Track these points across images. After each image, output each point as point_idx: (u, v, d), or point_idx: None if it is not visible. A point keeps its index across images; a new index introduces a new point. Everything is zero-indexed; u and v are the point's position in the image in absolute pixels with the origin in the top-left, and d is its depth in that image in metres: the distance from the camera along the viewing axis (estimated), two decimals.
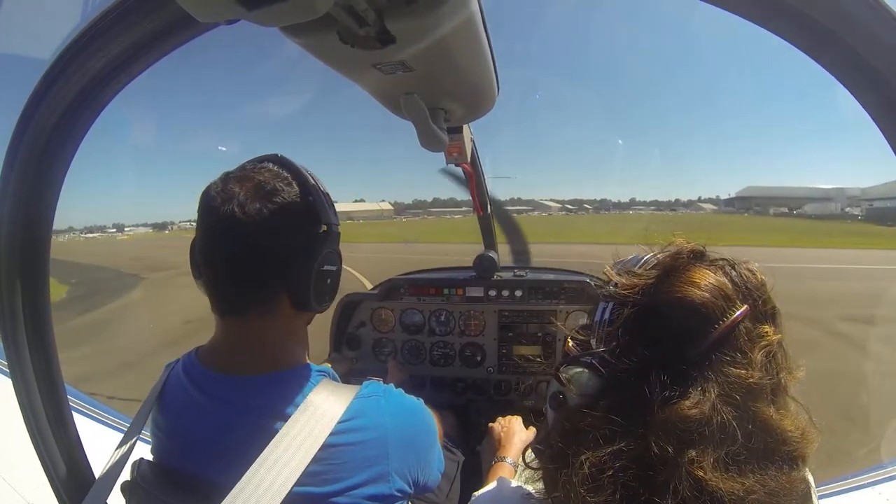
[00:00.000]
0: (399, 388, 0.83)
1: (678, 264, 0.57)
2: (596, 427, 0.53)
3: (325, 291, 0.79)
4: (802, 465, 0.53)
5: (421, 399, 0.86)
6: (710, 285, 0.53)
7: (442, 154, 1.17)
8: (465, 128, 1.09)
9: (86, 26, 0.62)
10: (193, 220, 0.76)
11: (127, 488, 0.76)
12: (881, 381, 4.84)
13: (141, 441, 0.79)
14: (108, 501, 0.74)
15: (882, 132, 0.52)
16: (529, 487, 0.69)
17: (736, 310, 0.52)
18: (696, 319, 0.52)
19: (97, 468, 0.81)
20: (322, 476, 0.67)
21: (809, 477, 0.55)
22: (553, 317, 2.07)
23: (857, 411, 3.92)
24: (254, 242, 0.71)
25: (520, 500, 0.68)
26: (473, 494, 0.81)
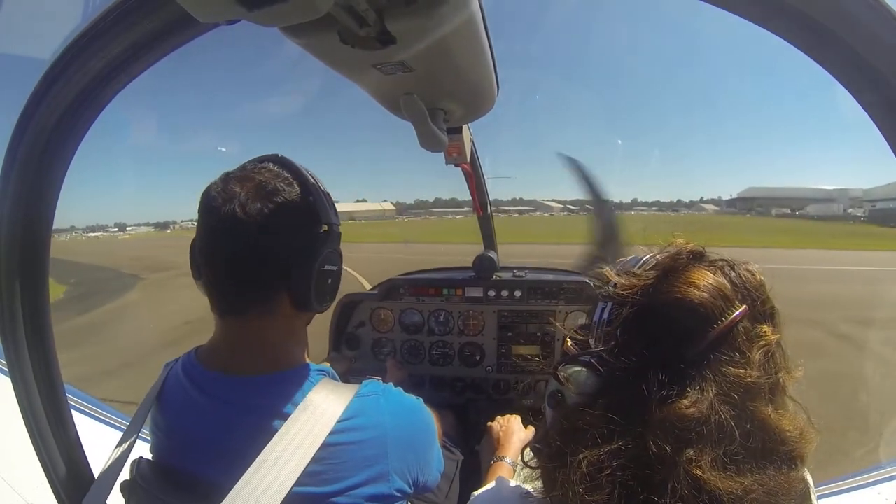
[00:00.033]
0: (398, 388, 0.83)
1: (677, 265, 0.57)
2: (594, 426, 0.53)
3: (325, 291, 0.79)
4: (801, 465, 0.53)
5: (420, 398, 0.86)
6: (709, 286, 0.53)
7: (445, 154, 1.17)
8: (464, 128, 1.09)
9: (86, 26, 0.62)
10: (195, 220, 0.76)
11: (126, 487, 0.76)
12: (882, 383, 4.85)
13: (140, 440, 0.79)
14: (108, 501, 0.74)
15: (882, 133, 0.52)
16: (528, 486, 0.69)
17: (735, 310, 0.52)
18: (695, 319, 0.52)
19: (97, 467, 0.81)
20: (322, 476, 0.67)
21: (808, 477, 0.55)
22: (552, 317, 2.07)
23: (861, 413, 3.93)
24: (255, 242, 0.71)
25: (518, 499, 0.68)
26: (472, 494, 0.81)
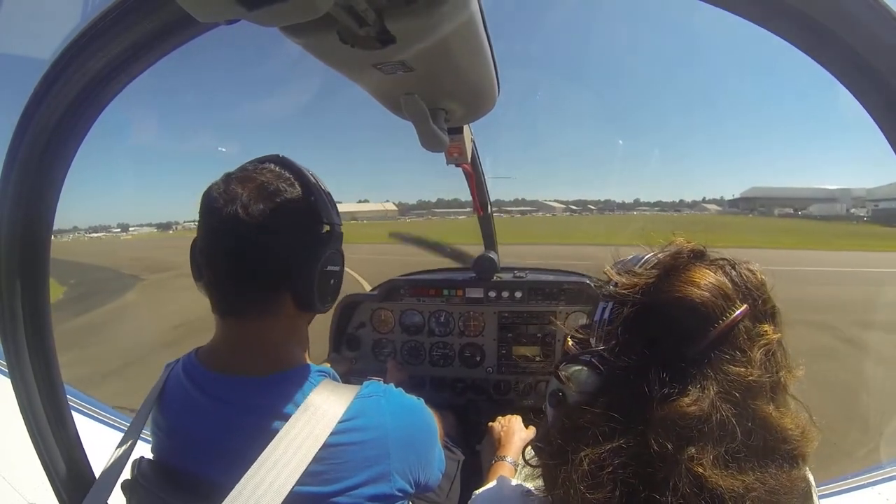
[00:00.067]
0: (399, 388, 0.83)
1: (678, 264, 0.57)
2: (595, 424, 0.53)
3: (328, 292, 0.79)
4: (803, 464, 0.53)
5: (421, 399, 0.86)
6: (710, 285, 0.53)
7: (446, 155, 1.16)
8: (465, 128, 1.09)
9: (86, 26, 0.62)
10: (197, 221, 0.76)
11: (127, 487, 0.76)
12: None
13: (141, 441, 0.79)
14: (109, 500, 0.74)
15: (883, 132, 0.52)
16: (529, 485, 0.69)
17: (736, 309, 0.52)
18: (696, 318, 0.52)
19: (97, 468, 0.81)
20: (323, 476, 0.67)
21: (810, 476, 0.56)
22: (552, 317, 2.07)
23: (871, 413, 3.94)
24: (256, 243, 0.71)
25: (520, 497, 0.68)
26: (474, 493, 0.81)
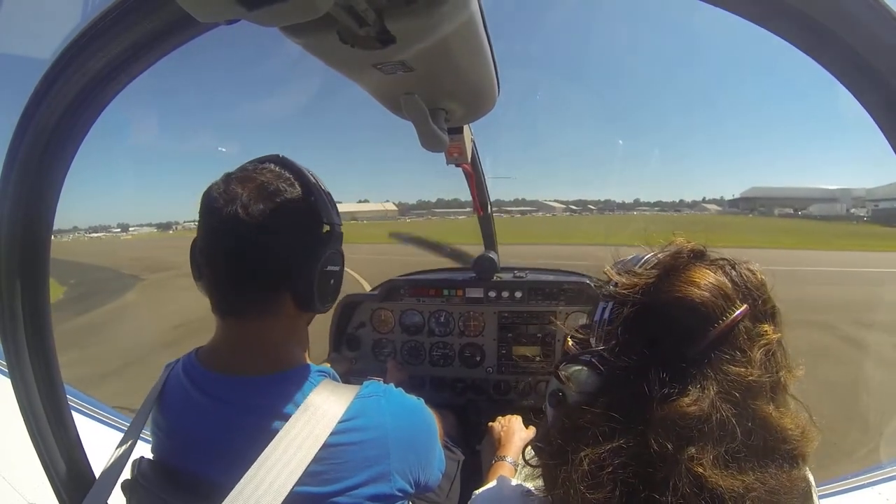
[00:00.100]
0: (399, 388, 0.83)
1: (678, 264, 0.57)
2: (595, 424, 0.53)
3: (328, 292, 0.79)
4: (802, 464, 0.53)
5: (421, 399, 0.86)
6: (710, 285, 0.53)
7: (446, 154, 1.16)
8: (465, 128, 1.09)
9: (86, 26, 0.62)
10: (197, 220, 0.76)
11: (127, 487, 0.76)
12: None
13: (141, 441, 0.79)
14: (109, 500, 0.74)
15: (883, 132, 0.52)
16: (529, 485, 0.69)
17: (736, 309, 0.52)
18: (696, 318, 0.52)
19: (97, 468, 0.81)
20: (323, 476, 0.67)
21: (810, 476, 0.56)
22: (553, 317, 2.07)
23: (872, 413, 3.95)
24: (257, 243, 0.71)
25: (520, 497, 0.68)
26: (474, 492, 0.81)
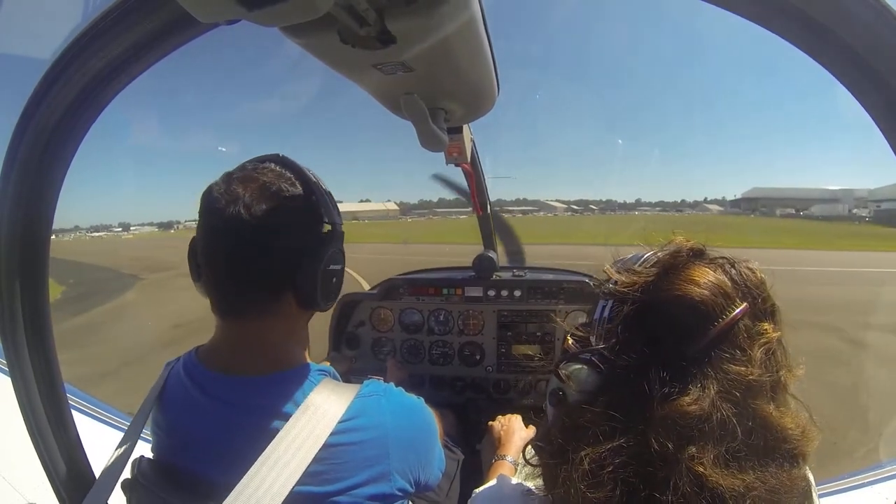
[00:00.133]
0: (399, 387, 0.83)
1: (678, 262, 0.57)
2: (595, 423, 0.53)
3: (331, 290, 0.80)
4: (803, 463, 0.53)
5: (421, 398, 0.86)
6: (710, 283, 0.53)
7: (445, 154, 1.16)
8: (465, 128, 1.09)
9: (86, 26, 0.62)
10: (197, 220, 0.76)
11: (127, 486, 0.76)
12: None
13: (141, 440, 0.79)
14: (109, 499, 0.74)
15: (882, 133, 0.52)
16: (530, 484, 0.69)
17: (735, 307, 0.52)
18: (696, 317, 0.52)
19: (97, 467, 0.81)
20: (323, 476, 0.67)
21: (810, 475, 0.56)
22: (553, 315, 2.07)
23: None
24: (260, 243, 0.71)
25: (520, 496, 0.68)
26: (474, 491, 0.81)
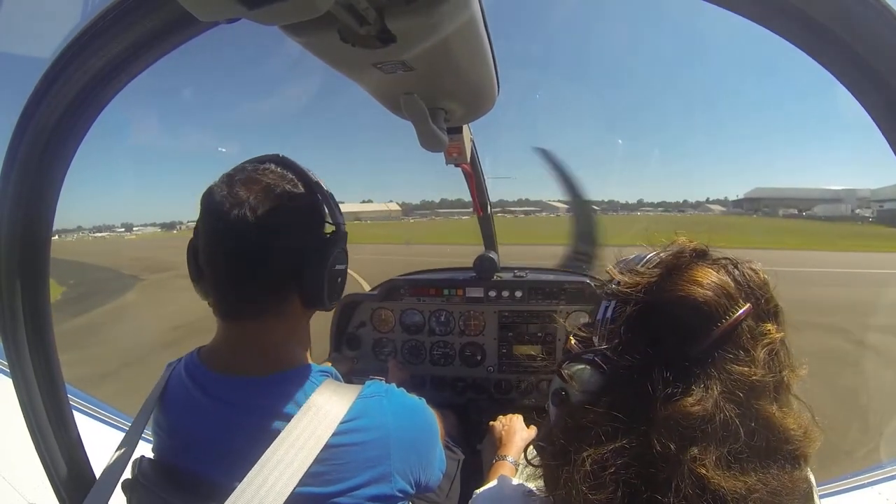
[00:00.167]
0: (401, 388, 0.83)
1: (681, 263, 0.57)
2: (598, 424, 0.53)
3: (335, 290, 0.80)
4: (804, 465, 0.53)
5: (423, 399, 0.86)
6: (713, 284, 0.53)
7: (445, 154, 1.16)
8: (464, 128, 1.09)
9: (86, 25, 0.62)
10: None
11: (128, 486, 0.75)
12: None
13: (142, 441, 0.79)
14: (110, 499, 0.74)
15: (882, 133, 0.52)
16: (531, 485, 0.69)
17: (738, 308, 0.52)
18: (699, 317, 0.52)
19: (98, 467, 0.81)
20: (324, 476, 0.67)
21: (811, 476, 0.55)
22: (555, 315, 2.07)
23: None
24: (266, 245, 0.71)
25: (521, 497, 0.68)
26: (475, 492, 0.81)
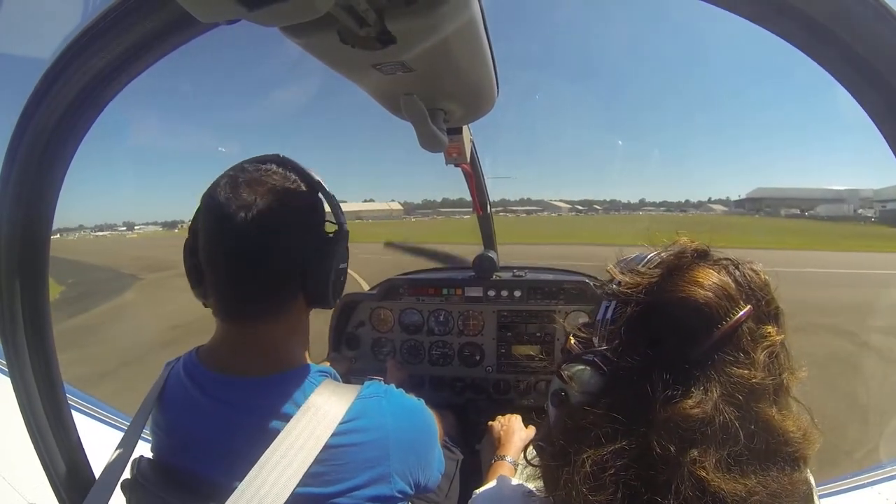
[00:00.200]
0: (400, 389, 0.83)
1: (682, 263, 0.57)
2: (598, 425, 0.53)
3: (339, 288, 0.81)
4: (804, 467, 0.53)
5: (422, 399, 0.86)
6: (714, 285, 0.53)
7: (445, 155, 1.17)
8: (464, 128, 1.09)
9: (86, 26, 0.62)
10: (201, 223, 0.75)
11: (127, 486, 0.75)
12: None
13: (141, 441, 0.79)
14: (109, 500, 0.74)
15: (882, 133, 0.52)
16: (530, 485, 0.69)
17: (739, 310, 0.52)
18: (700, 319, 0.52)
19: (97, 467, 0.81)
20: (324, 477, 0.67)
21: (811, 478, 0.55)
22: (555, 315, 2.07)
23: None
24: (272, 247, 0.70)
25: (521, 497, 0.68)
26: (474, 492, 0.81)
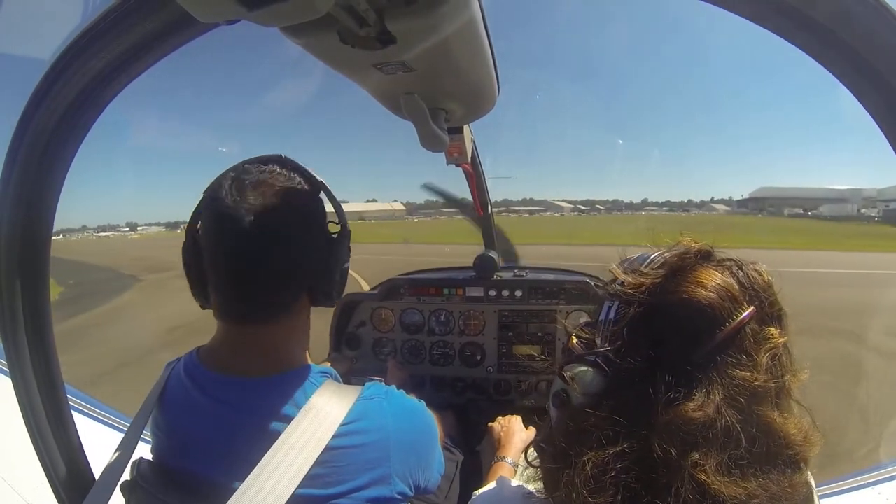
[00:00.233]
0: (401, 390, 0.83)
1: (685, 264, 0.57)
2: (599, 427, 0.52)
3: (342, 287, 0.82)
4: (805, 469, 0.52)
5: (422, 401, 0.86)
6: (717, 286, 0.53)
7: (446, 154, 1.17)
8: (465, 128, 1.09)
9: (86, 26, 0.62)
10: (201, 224, 0.75)
11: (127, 488, 0.75)
12: None
13: (142, 442, 0.79)
14: (109, 501, 0.74)
15: (883, 133, 0.52)
16: (530, 487, 0.69)
17: (742, 311, 0.51)
18: (703, 320, 0.51)
19: (97, 468, 0.81)
20: (324, 478, 0.67)
21: (811, 480, 0.55)
22: (556, 316, 2.07)
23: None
24: (276, 249, 0.70)
25: (521, 499, 0.68)
26: (474, 493, 0.80)
